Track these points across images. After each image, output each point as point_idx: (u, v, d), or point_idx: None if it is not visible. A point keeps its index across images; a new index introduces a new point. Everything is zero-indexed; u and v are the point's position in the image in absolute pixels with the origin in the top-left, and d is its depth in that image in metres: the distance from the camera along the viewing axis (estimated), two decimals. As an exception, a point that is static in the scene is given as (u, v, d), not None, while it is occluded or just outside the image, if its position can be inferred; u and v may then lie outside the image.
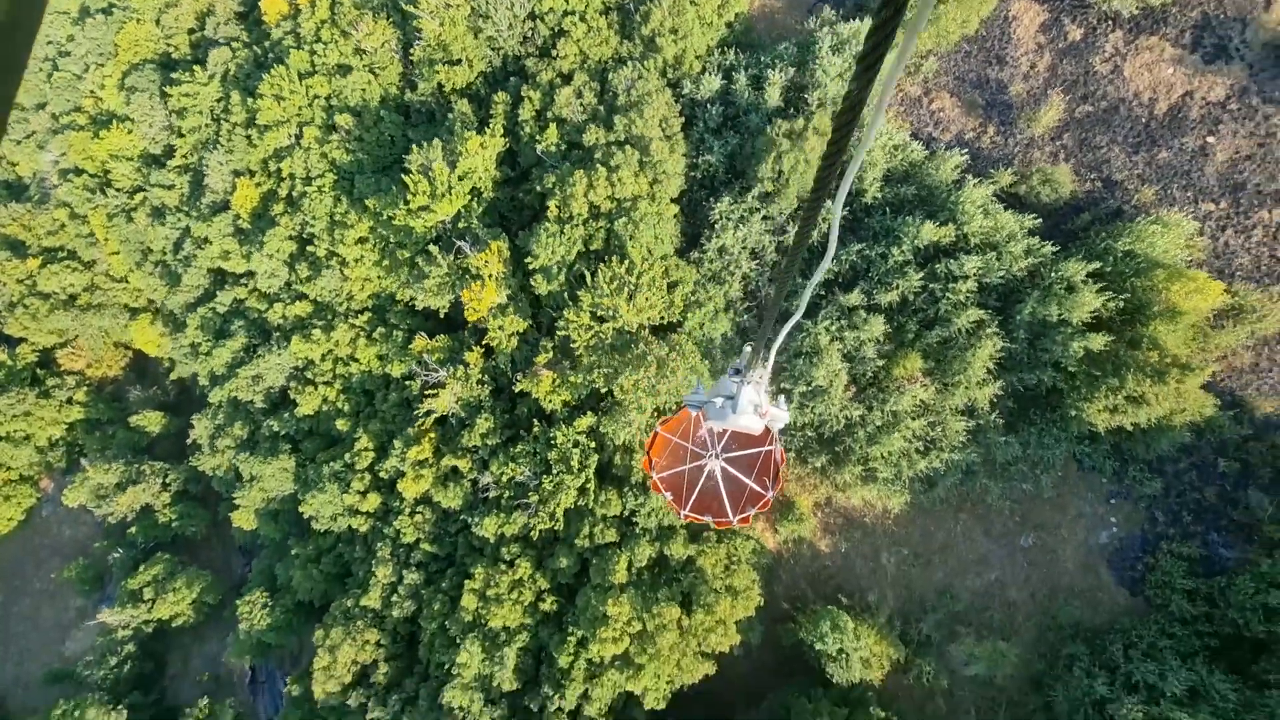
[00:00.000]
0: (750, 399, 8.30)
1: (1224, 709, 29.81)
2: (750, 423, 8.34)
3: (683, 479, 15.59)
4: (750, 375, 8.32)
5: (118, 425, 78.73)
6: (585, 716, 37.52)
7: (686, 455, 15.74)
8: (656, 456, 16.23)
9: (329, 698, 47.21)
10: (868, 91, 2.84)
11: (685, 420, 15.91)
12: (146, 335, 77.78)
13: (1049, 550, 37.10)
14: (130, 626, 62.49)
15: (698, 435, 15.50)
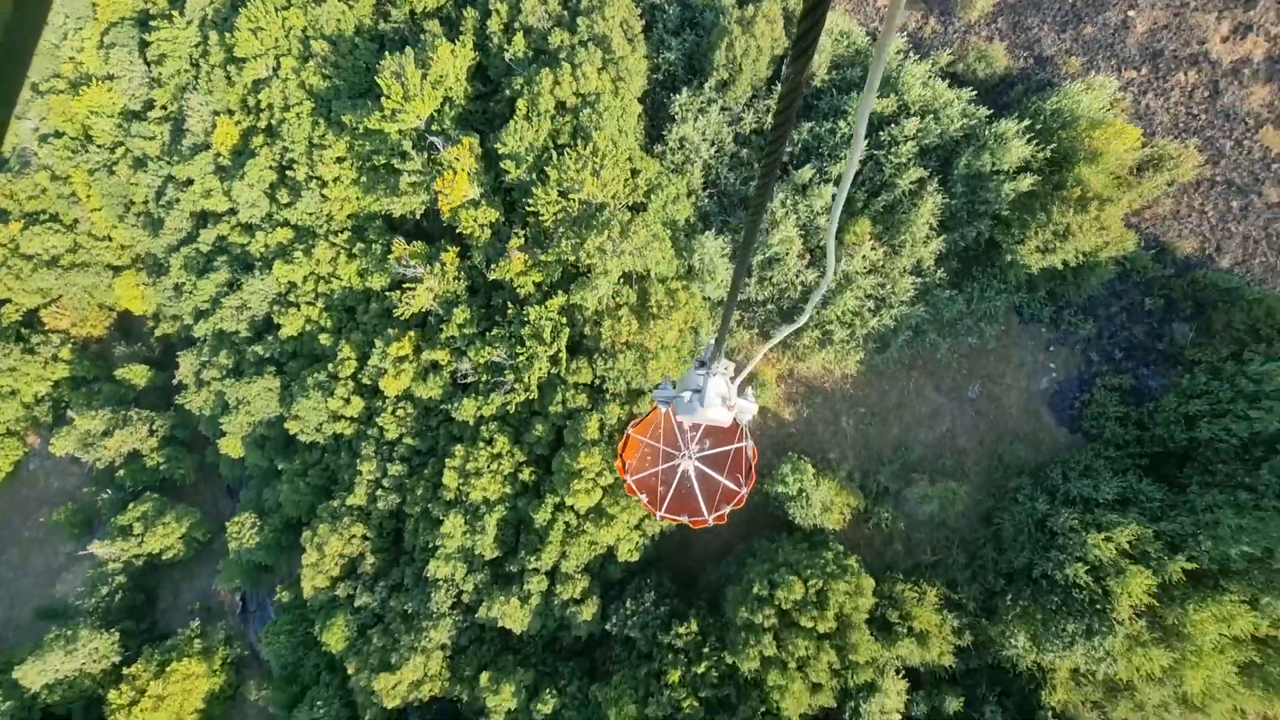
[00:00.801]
0: (717, 391, 8.31)
1: (1150, 509, 32.20)
2: (718, 414, 8.35)
3: (657, 480, 15.94)
4: (715, 367, 8.35)
5: (103, 380, 79.49)
6: (562, 573, 39.27)
7: (660, 456, 16.11)
8: (630, 459, 16.48)
9: (318, 593, 48.61)
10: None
11: (657, 421, 16.15)
12: (130, 292, 78.87)
13: (994, 399, 39.47)
14: (120, 560, 63.36)
15: (671, 435, 15.59)
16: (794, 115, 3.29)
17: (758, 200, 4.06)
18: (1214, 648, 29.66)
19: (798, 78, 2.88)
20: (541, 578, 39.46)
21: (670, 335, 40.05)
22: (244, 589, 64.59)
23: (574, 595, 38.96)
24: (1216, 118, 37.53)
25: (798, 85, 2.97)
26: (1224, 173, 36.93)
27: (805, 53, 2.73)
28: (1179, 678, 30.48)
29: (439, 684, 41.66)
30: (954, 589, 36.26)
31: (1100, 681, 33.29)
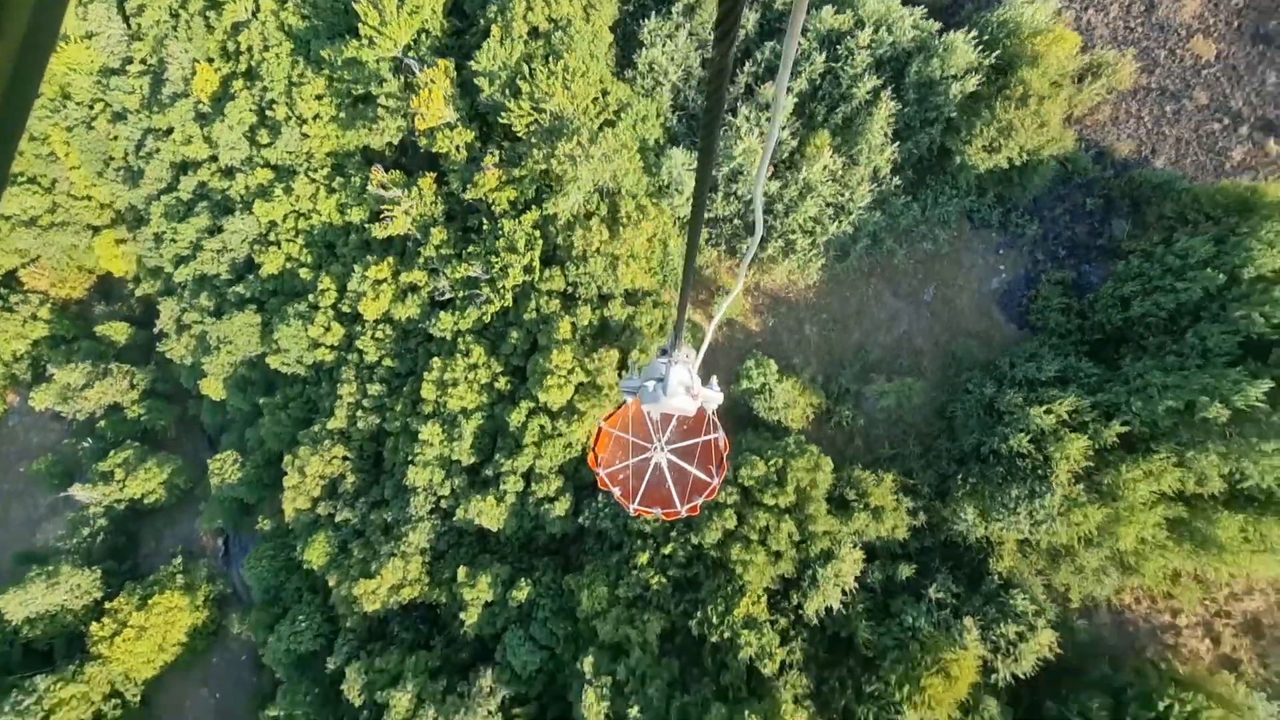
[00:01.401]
0: (680, 379, 8.25)
1: (1088, 383, 34.22)
2: (683, 404, 8.31)
3: (629, 473, 15.99)
4: (677, 355, 8.28)
5: (83, 339, 79.68)
6: (537, 474, 40.65)
7: (630, 449, 16.07)
8: (602, 452, 16.46)
9: (299, 515, 49.57)
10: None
11: (629, 414, 16.23)
12: (110, 251, 79.10)
13: (948, 301, 41.43)
14: (101, 504, 63.74)
15: (642, 428, 15.86)
16: (725, 93, 3.31)
17: (702, 169, 4.08)
18: (1144, 504, 31.67)
19: (723, 59, 2.92)
20: (517, 478, 40.78)
21: (639, 244, 41.62)
22: (226, 532, 65.25)
23: (548, 494, 40.35)
24: (1152, 30, 39.81)
25: (725, 68, 3.01)
26: (1158, 80, 39.19)
27: (728, 35, 2.75)
28: (1113, 535, 32.44)
29: (418, 588, 42.82)
30: (910, 477, 38.07)
31: (1044, 550, 35.26)
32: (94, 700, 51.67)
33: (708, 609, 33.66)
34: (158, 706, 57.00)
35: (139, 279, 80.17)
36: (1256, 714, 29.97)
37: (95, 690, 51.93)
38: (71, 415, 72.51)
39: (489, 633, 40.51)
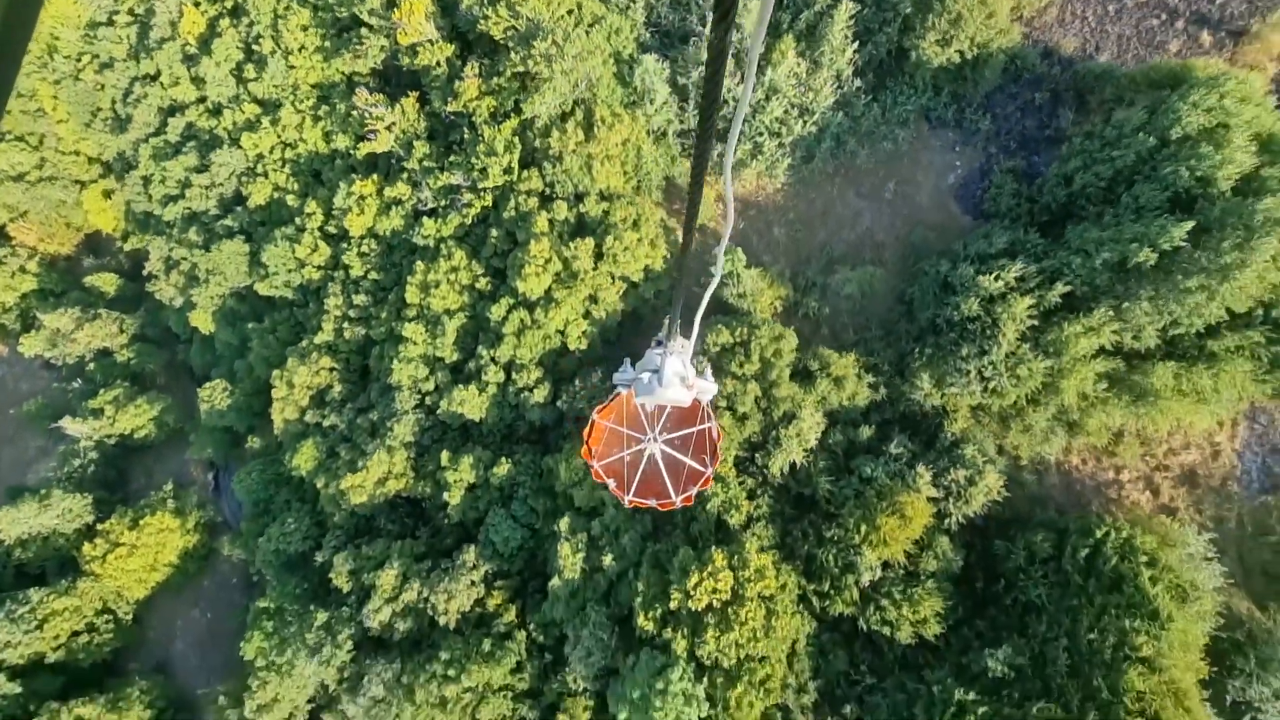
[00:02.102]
0: (675, 370, 8.28)
1: (1034, 252, 36.35)
2: (678, 395, 8.32)
3: (623, 464, 15.87)
4: (672, 346, 8.33)
5: (72, 290, 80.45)
6: (518, 365, 42.34)
7: (625, 441, 16.02)
8: (596, 445, 16.34)
9: (288, 426, 50.93)
10: None
11: (622, 406, 16.08)
12: (98, 204, 79.93)
13: (908, 197, 43.55)
14: (92, 439, 64.65)
15: (635, 420, 15.80)
16: (723, 75, 3.30)
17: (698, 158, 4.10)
18: (1084, 357, 33.76)
19: (722, 42, 2.93)
20: (498, 369, 42.46)
21: (614, 146, 43.41)
22: (217, 466, 66.40)
23: (528, 383, 42.03)
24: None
25: (724, 49, 3.04)
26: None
27: (727, 16, 2.75)
28: (1057, 391, 34.52)
29: (404, 481, 44.32)
30: (871, 356, 40.05)
31: (995, 413, 37.32)
32: (86, 614, 52.69)
33: (678, 468, 35.45)
34: (150, 627, 58.04)
35: (127, 234, 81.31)
36: (1187, 541, 32.07)
37: (87, 605, 52.94)
38: (61, 360, 73.45)
39: (472, 517, 42.07)
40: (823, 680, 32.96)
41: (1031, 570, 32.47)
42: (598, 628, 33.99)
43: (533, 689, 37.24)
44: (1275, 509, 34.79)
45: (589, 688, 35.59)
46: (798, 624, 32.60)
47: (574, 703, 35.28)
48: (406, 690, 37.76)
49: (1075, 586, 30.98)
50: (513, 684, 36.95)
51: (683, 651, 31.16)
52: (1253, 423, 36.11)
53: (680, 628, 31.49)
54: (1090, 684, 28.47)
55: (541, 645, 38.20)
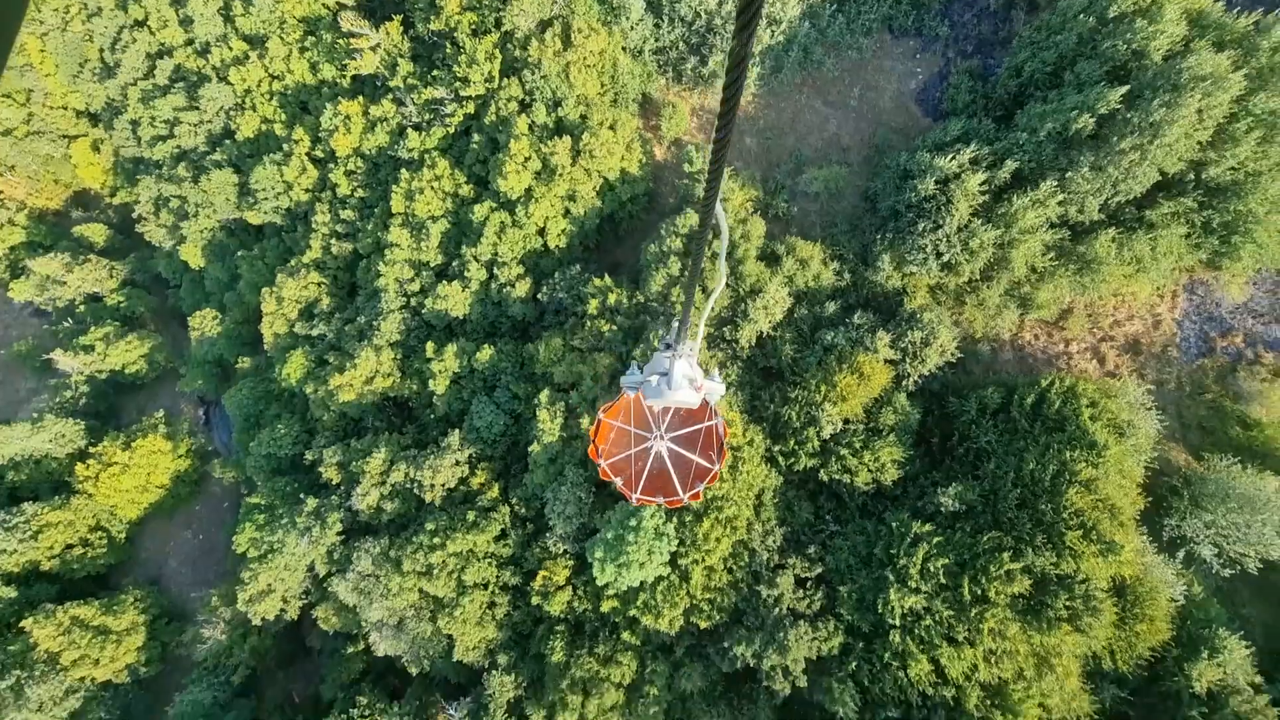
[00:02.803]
0: (684, 373, 8.39)
1: (987, 135, 38.50)
2: (687, 397, 8.46)
3: (630, 462, 15.92)
4: (681, 349, 8.44)
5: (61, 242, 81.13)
6: (499, 262, 44.01)
7: (631, 440, 15.97)
8: (602, 444, 16.24)
9: (278, 340, 52.33)
10: None
11: (628, 405, 16.11)
12: (87, 157, 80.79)
13: (872, 103, 45.66)
14: (84, 373, 65.59)
15: (641, 418, 15.97)
16: (742, 84, 3.39)
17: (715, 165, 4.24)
18: (1032, 229, 35.87)
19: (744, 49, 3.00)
20: (480, 267, 44.13)
21: (592, 55, 45.20)
22: (207, 402, 67.54)
23: (509, 279, 43.73)
24: None
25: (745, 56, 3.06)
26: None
27: (749, 25, 2.82)
28: (1008, 264, 36.63)
29: (391, 380, 45.85)
30: (837, 247, 42.06)
31: (951, 291, 39.43)
32: (79, 529, 53.73)
33: (651, 340, 37.28)
34: (142, 548, 59.11)
35: (115, 189, 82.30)
36: (1127, 390, 34.26)
37: (80, 521, 53.99)
38: (50, 306, 74.18)
39: (457, 409, 43.66)
40: (788, 528, 34.84)
41: (983, 421, 34.52)
42: (575, 487, 35.71)
43: (515, 556, 38.88)
44: (1211, 370, 37.09)
45: (568, 549, 37.32)
46: (764, 474, 34.47)
47: (554, 565, 36.98)
48: (394, 563, 39.31)
49: (1022, 430, 33.06)
50: (496, 551, 38.59)
51: (655, 495, 33.00)
52: (1191, 294, 38.40)
53: (652, 474, 33.35)
54: (1035, 510, 30.51)
55: (524, 517, 39.88)
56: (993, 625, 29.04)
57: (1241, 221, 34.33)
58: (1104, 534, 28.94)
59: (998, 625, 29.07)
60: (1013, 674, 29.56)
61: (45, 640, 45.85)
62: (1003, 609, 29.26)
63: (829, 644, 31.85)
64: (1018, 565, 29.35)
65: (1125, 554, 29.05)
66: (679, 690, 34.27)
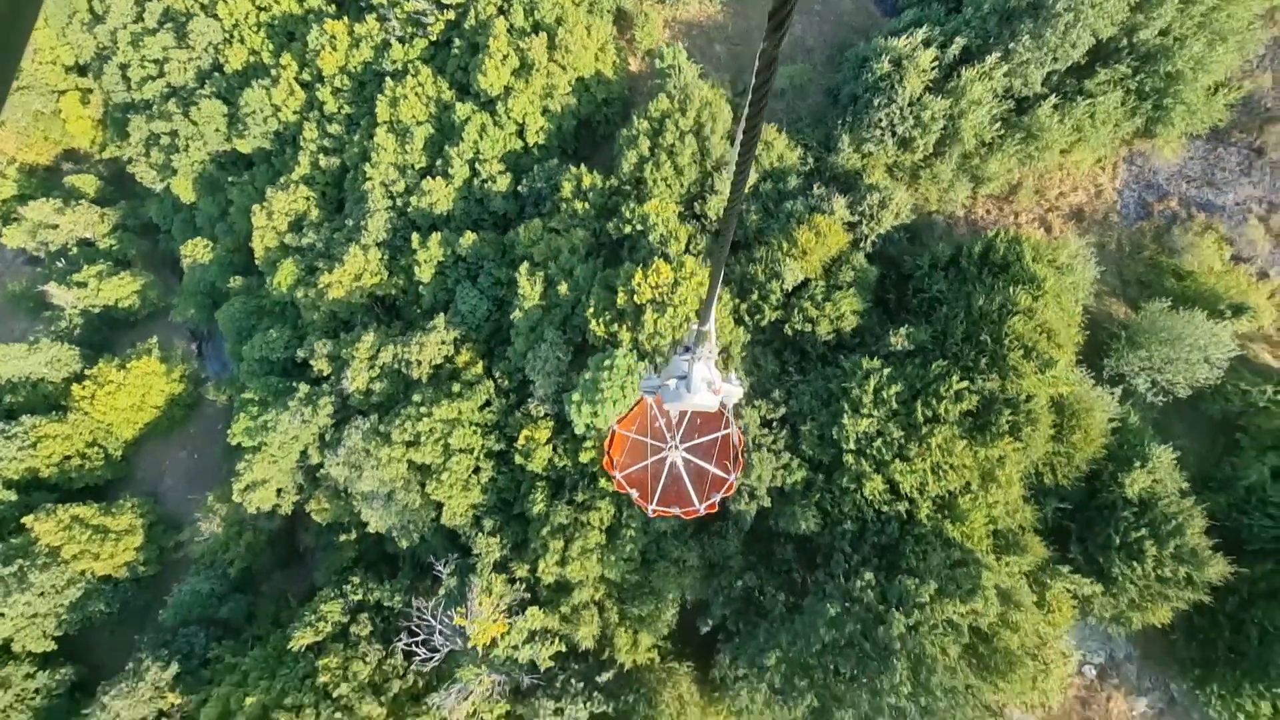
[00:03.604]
0: (702, 375, 8.34)
1: (937, 18, 40.88)
2: (705, 400, 8.39)
3: (646, 473, 15.82)
4: (700, 351, 8.39)
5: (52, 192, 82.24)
6: (481, 160, 45.99)
7: (647, 450, 15.93)
8: (617, 455, 16.36)
9: (269, 253, 54.05)
10: None
11: (642, 414, 16.15)
12: (76, 110, 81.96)
13: (834, 7, 48.09)
14: (78, 307, 66.97)
15: (655, 427, 15.84)
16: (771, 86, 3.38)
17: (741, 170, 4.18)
18: (979, 100, 38.24)
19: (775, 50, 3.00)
20: (463, 164, 46.10)
21: (566, -38, 47.31)
22: (199, 334, 69.08)
23: (491, 174, 45.73)
24: None
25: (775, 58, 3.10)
26: None
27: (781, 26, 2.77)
28: (958, 136, 38.99)
29: (378, 278, 47.69)
30: (801, 137, 44.31)
31: (907, 169, 41.75)
32: (76, 444, 55.13)
33: (622, 211, 39.38)
34: (138, 467, 60.52)
35: (104, 145, 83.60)
36: (1067, 241, 36.65)
37: (78, 436, 55.40)
38: (43, 251, 75.46)
39: (442, 299, 45.55)
40: (755, 379, 36.99)
41: (934, 273, 36.82)
42: (554, 347, 37.71)
43: (498, 423, 40.81)
44: (1149, 232, 39.58)
45: (548, 411, 39.32)
46: (729, 327, 36.62)
47: (535, 427, 38.97)
48: (383, 437, 41.16)
49: (970, 276, 35.35)
50: (481, 419, 40.53)
51: (628, 340, 35.05)
52: (1130, 165, 40.89)
53: (625, 322, 35.37)
54: (980, 341, 32.80)
55: (506, 390, 41.85)
56: (940, 441, 31.25)
57: (1172, 85, 36.83)
58: (1042, 353, 31.27)
59: (945, 442, 31.29)
60: (960, 486, 31.81)
61: (46, 535, 47.32)
62: (950, 426, 31.48)
63: (792, 477, 34.01)
64: (963, 385, 31.58)
65: (1061, 371, 31.39)
66: (654, 532, 36.33)
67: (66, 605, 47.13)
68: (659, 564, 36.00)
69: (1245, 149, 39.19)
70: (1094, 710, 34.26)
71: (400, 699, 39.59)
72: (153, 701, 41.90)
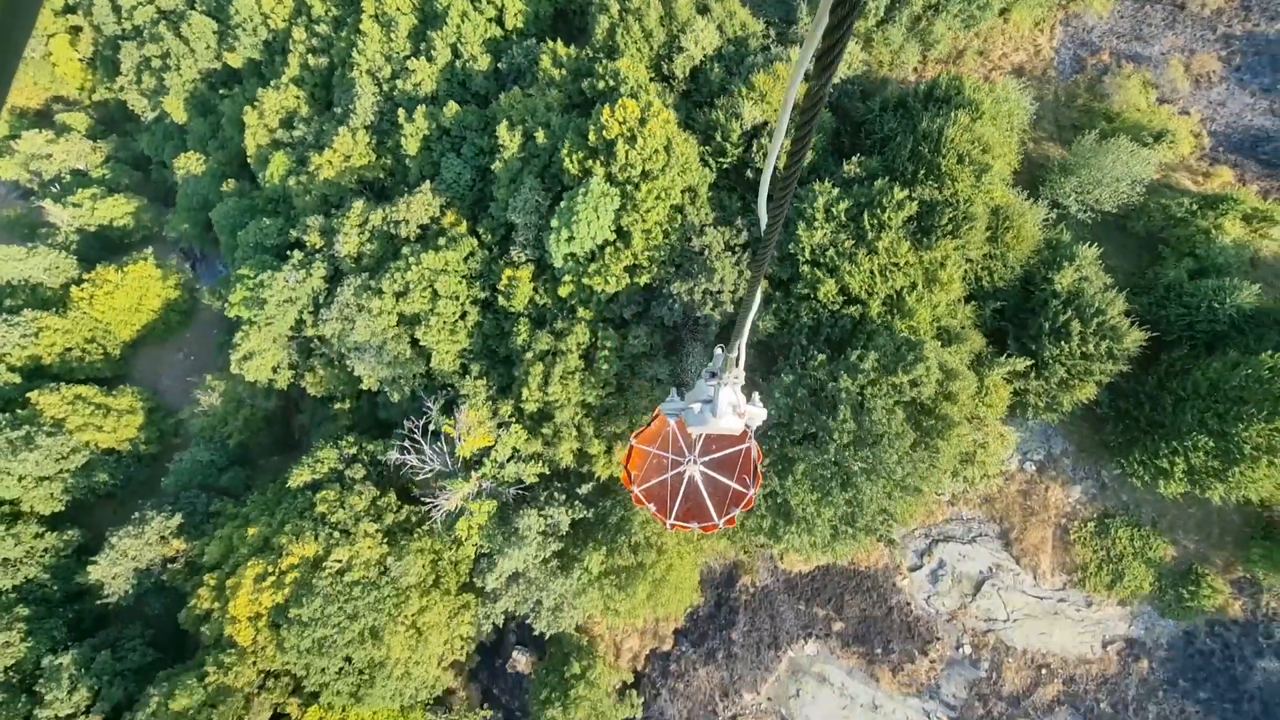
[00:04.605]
0: (728, 400, 8.48)
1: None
2: (731, 424, 8.55)
3: (665, 488, 15.79)
4: (726, 377, 8.49)
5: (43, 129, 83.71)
6: (463, 41, 48.60)
7: (667, 465, 15.89)
8: (635, 470, 16.32)
9: (260, 151, 56.35)
10: None
11: (661, 430, 16.16)
12: (66, 53, 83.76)
13: (794, -101, 50.97)
14: (73, 225, 68.85)
15: (674, 443, 15.95)
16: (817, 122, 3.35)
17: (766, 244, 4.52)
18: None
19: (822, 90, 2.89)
20: (445, 47, 48.68)
21: None
22: (193, 253, 71.16)
23: (472, 54, 48.35)
24: None
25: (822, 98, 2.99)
26: None
27: (831, 65, 2.67)
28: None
29: (366, 159, 50.15)
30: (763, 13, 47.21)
31: (861, 34, 44.77)
32: (77, 339, 57.14)
33: (596, 70, 42.12)
34: (137, 369, 62.56)
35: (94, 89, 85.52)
36: (1007, 85, 39.75)
37: (78, 332, 57.43)
38: (36, 182, 77.20)
39: (429, 171, 48.08)
40: (719, 213, 39.84)
41: (884, 114, 39.82)
42: (533, 192, 40.38)
43: (482, 271, 43.41)
44: (1082, 83, 42.82)
45: (529, 256, 41.99)
46: (695, 168, 39.43)
47: (517, 268, 41.64)
48: (374, 291, 43.65)
49: (915, 112, 38.34)
50: (466, 269, 43.13)
51: (601, 174, 37.77)
52: (1066, 25, 44.15)
53: (598, 158, 38.10)
54: (922, 156, 35.79)
55: (490, 245, 44.48)
56: (886, 245, 34.17)
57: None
58: (977, 161, 34.31)
59: (891, 244, 34.21)
60: (906, 286, 34.75)
61: (50, 408, 49.37)
62: (895, 231, 34.41)
63: (754, 289, 36.86)
64: (904, 194, 34.50)
65: (996, 177, 34.44)
66: (628, 354, 39.06)
67: (72, 471, 49.20)
68: (634, 383, 38.73)
69: (1169, 4, 42.55)
70: (1034, 500, 37.33)
71: (394, 530, 42.10)
72: (158, 546, 44.11)
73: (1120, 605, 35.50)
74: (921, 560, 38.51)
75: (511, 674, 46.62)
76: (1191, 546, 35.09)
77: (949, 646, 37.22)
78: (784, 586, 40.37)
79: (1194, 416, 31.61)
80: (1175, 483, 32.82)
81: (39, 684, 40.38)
